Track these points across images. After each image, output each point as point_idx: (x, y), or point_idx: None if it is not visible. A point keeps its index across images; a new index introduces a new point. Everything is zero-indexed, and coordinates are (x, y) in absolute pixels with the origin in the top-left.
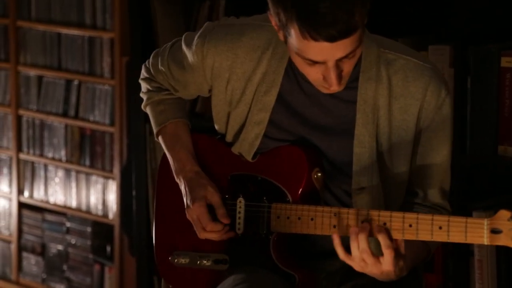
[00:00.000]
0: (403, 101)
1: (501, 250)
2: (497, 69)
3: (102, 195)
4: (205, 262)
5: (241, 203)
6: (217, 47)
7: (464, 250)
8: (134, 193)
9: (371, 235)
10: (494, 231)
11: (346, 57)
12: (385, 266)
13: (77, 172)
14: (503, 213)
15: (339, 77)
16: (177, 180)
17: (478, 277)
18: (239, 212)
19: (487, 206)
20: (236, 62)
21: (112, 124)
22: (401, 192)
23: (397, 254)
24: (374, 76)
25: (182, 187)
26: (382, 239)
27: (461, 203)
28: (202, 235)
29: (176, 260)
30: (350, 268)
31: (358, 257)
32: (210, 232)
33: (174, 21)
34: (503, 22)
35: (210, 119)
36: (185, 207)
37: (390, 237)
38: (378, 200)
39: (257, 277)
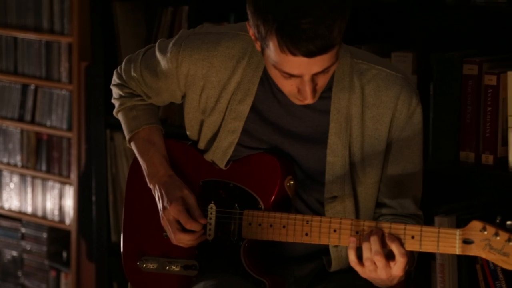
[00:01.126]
0: (375, 110)
1: (462, 255)
2: (459, 76)
3: (58, 201)
4: (174, 267)
5: (212, 209)
6: (192, 56)
7: (425, 254)
8: (94, 198)
9: (367, 242)
10: (466, 242)
11: (322, 72)
12: (395, 271)
13: (33, 177)
14: (475, 224)
15: (314, 90)
16: (150, 185)
17: (439, 280)
18: (210, 218)
19: (449, 211)
20: (211, 70)
21: (69, 129)
22: (372, 200)
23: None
24: (347, 86)
25: (156, 192)
26: (396, 247)
27: (423, 208)
28: (177, 237)
29: (144, 266)
30: (318, 273)
31: (370, 259)
32: (185, 234)
33: (136, 27)
34: (465, 30)
35: (172, 125)
36: (161, 209)
37: (403, 245)
38: (349, 209)
39: (227, 284)
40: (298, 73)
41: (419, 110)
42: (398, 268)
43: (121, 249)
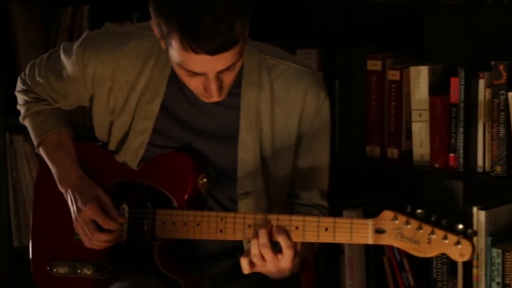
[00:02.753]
0: (284, 105)
1: (369, 247)
2: (364, 72)
3: None
4: (85, 270)
5: (124, 210)
6: (98, 56)
7: (334, 248)
8: None
9: (270, 237)
10: (378, 231)
11: (226, 69)
12: (284, 263)
13: None
14: (387, 214)
15: (220, 88)
16: (62, 189)
17: (348, 274)
18: None
19: (356, 205)
20: (118, 71)
21: None
22: (284, 195)
23: (295, 252)
24: (256, 82)
25: (69, 195)
26: (282, 240)
27: (331, 202)
28: (94, 237)
29: (55, 270)
30: (233, 270)
31: (257, 254)
32: (103, 234)
33: (35, 28)
34: (368, 27)
35: (75, 126)
36: (76, 211)
37: (289, 237)
38: (262, 204)
39: (140, 285)
40: (202, 71)
41: (327, 103)
42: (286, 261)
43: (30, 255)
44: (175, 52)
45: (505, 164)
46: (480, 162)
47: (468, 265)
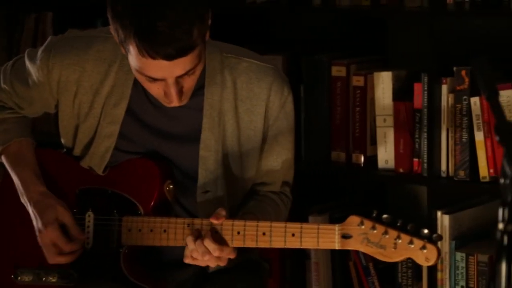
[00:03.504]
0: (249, 102)
1: (335, 252)
2: (328, 78)
3: None
4: (50, 278)
5: (90, 217)
6: (63, 61)
7: (300, 253)
8: None
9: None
10: (345, 236)
11: (185, 74)
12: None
13: None
14: (353, 219)
15: (180, 93)
16: (23, 201)
17: (314, 279)
18: (88, 227)
19: (322, 210)
20: (83, 75)
21: None
22: (247, 192)
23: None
24: (219, 81)
25: (30, 209)
26: (208, 245)
27: (297, 208)
28: (54, 260)
29: (19, 278)
30: (199, 276)
31: (188, 255)
32: (63, 256)
33: None
34: (332, 32)
35: (40, 133)
36: (37, 230)
37: (213, 241)
38: (223, 202)
39: None
40: (160, 77)
41: (290, 98)
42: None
43: None
44: (133, 58)
45: (468, 169)
46: (443, 167)
47: (432, 269)
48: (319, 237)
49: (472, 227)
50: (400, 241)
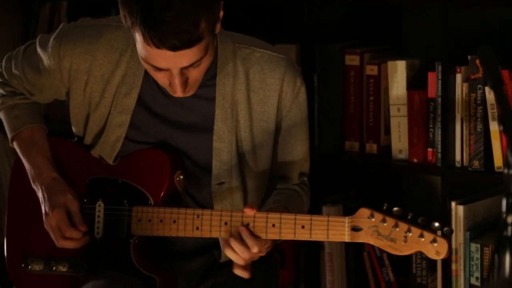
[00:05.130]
0: (261, 93)
1: (350, 243)
2: (342, 67)
3: None
4: (61, 268)
5: (100, 206)
6: (74, 49)
7: (314, 244)
8: None
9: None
10: (355, 229)
11: (191, 66)
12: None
13: None
14: (363, 211)
15: (184, 84)
16: (34, 187)
17: (328, 269)
18: (98, 216)
19: (336, 200)
20: (94, 64)
21: None
22: (261, 190)
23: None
24: (231, 72)
25: (40, 194)
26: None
27: (310, 198)
28: (60, 243)
29: (29, 267)
30: (209, 267)
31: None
32: (68, 240)
33: (13, 24)
34: (347, 22)
35: (54, 121)
36: (44, 214)
37: (255, 237)
38: (237, 195)
39: (116, 282)
40: (164, 67)
41: (303, 89)
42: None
43: (5, 251)
44: (139, 45)
45: (482, 159)
46: (458, 157)
47: (447, 260)
48: (329, 230)
49: (487, 218)
50: (410, 234)
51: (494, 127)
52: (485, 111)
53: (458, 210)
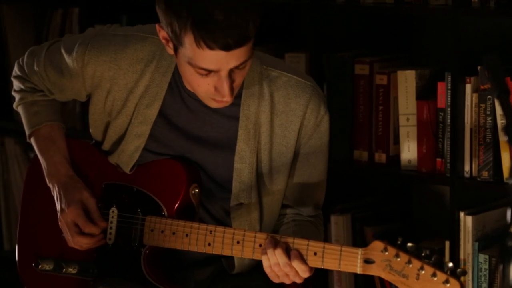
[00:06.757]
0: (284, 117)
1: None
2: (351, 76)
3: None
4: (71, 270)
5: (113, 213)
6: (99, 57)
7: None
8: None
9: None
10: (367, 261)
11: (238, 67)
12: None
13: None
14: (377, 244)
15: (232, 88)
16: (49, 185)
17: (336, 279)
18: (111, 222)
19: (344, 209)
20: (118, 73)
21: None
22: (277, 209)
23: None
24: (257, 93)
25: (55, 192)
26: (296, 265)
27: None
28: (76, 240)
29: (40, 266)
30: (217, 274)
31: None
32: (84, 237)
33: (25, 30)
34: (356, 30)
35: (73, 129)
36: (59, 211)
37: (305, 261)
38: (255, 216)
39: None
40: (215, 68)
41: (326, 118)
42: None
43: (16, 249)
44: (187, 51)
45: (491, 170)
46: (467, 167)
47: None
48: (341, 259)
49: (495, 229)
50: (423, 272)
51: (504, 138)
52: (494, 121)
53: (466, 221)
